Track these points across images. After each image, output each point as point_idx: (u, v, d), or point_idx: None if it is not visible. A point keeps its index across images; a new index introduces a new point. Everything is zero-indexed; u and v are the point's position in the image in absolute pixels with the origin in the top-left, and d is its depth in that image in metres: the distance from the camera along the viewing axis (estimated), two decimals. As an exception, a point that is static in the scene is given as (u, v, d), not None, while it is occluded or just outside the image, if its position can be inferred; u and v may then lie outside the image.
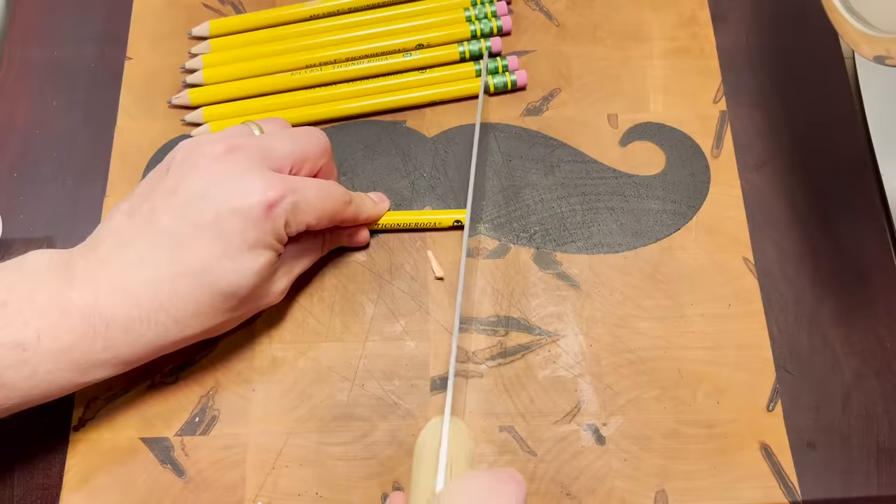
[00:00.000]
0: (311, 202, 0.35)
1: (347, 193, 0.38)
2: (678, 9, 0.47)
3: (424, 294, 0.40)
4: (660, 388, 0.38)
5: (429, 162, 0.43)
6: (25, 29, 0.46)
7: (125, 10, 0.46)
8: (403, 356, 0.38)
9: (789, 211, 0.42)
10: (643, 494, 0.36)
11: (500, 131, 0.43)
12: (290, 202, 0.34)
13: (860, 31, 0.34)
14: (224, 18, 0.45)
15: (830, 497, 0.36)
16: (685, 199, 0.42)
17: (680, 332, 0.39)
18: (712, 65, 0.45)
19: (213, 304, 0.33)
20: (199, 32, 0.45)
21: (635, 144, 0.43)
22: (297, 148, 0.36)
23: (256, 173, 0.34)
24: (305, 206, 0.34)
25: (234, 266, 0.33)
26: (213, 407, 0.37)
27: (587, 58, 0.45)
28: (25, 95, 0.44)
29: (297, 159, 0.36)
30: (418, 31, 0.45)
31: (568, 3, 0.47)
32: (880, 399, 0.38)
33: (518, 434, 0.37)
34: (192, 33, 0.45)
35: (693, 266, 0.40)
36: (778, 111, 0.44)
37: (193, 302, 0.33)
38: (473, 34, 0.45)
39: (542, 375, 0.38)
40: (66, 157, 0.43)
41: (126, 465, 0.36)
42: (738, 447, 0.37)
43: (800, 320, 0.39)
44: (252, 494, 0.36)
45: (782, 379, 0.38)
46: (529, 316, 0.39)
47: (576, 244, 0.41)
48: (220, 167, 0.33)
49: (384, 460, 0.36)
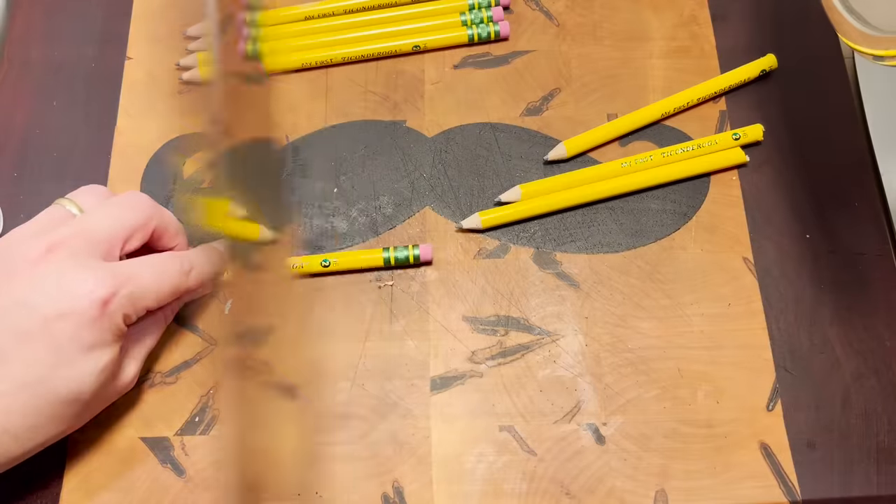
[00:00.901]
0: (149, 286, 0.33)
1: (186, 261, 0.35)
2: (678, 9, 0.47)
3: (424, 294, 0.40)
4: (659, 388, 0.38)
5: (429, 161, 0.43)
6: (25, 29, 0.46)
7: (125, 10, 0.46)
8: (403, 356, 0.38)
9: (789, 211, 0.42)
10: (643, 494, 0.36)
11: (500, 131, 0.43)
12: (124, 295, 0.31)
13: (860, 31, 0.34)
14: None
15: (830, 496, 0.36)
16: (685, 199, 0.42)
17: (680, 331, 0.39)
18: (712, 65, 0.45)
19: (55, 414, 0.31)
20: (194, 32, 0.45)
21: (635, 144, 0.43)
22: (121, 223, 0.34)
23: (83, 270, 0.31)
24: (142, 293, 0.32)
25: (73, 373, 0.31)
26: (214, 406, 0.37)
27: (587, 58, 0.45)
28: (25, 95, 0.44)
29: (126, 234, 0.34)
30: (414, 35, 0.45)
31: (568, 3, 0.47)
32: (880, 398, 0.38)
33: (518, 434, 0.37)
34: (187, 33, 0.45)
35: (693, 266, 0.40)
36: (777, 111, 0.44)
37: (33, 415, 0.31)
38: (471, 39, 0.45)
39: (542, 375, 0.38)
40: (67, 157, 0.43)
41: (126, 464, 0.36)
42: (738, 447, 0.37)
43: (800, 320, 0.39)
44: (252, 494, 0.36)
45: (782, 378, 0.38)
46: (529, 315, 0.39)
47: (575, 244, 0.41)
48: (42, 270, 0.31)
49: (384, 460, 0.36)
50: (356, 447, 0.37)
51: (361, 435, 0.37)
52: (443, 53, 0.45)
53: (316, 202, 0.42)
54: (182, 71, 0.44)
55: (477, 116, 0.44)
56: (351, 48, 0.44)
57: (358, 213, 0.41)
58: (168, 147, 0.43)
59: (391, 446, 0.37)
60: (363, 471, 0.36)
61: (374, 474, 0.36)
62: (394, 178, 0.42)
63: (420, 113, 0.44)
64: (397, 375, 0.38)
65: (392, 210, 0.42)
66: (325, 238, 0.41)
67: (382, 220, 0.41)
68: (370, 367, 0.38)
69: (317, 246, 0.41)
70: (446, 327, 0.39)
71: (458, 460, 0.36)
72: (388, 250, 0.39)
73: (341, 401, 0.37)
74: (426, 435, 0.37)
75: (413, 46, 0.44)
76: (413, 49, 0.45)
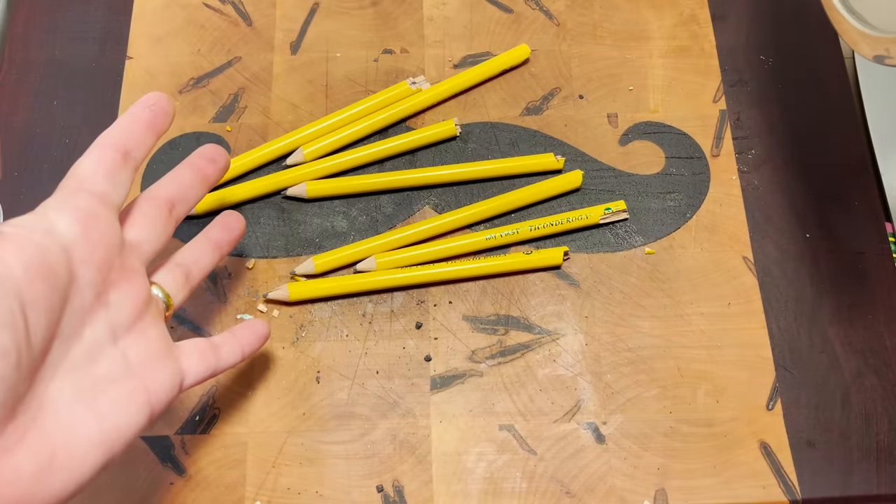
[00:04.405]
0: None
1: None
2: (678, 8, 0.47)
3: (424, 293, 0.40)
4: (659, 387, 0.38)
5: (429, 161, 0.43)
6: (25, 29, 0.46)
7: (125, 9, 0.46)
8: (403, 355, 0.38)
9: (789, 210, 0.42)
10: (643, 493, 0.36)
11: (500, 130, 0.43)
12: None
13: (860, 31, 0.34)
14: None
15: (830, 495, 0.36)
16: (685, 199, 0.42)
17: (679, 330, 0.39)
18: (712, 64, 0.45)
19: None
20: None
21: (635, 144, 0.43)
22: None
23: None
24: None
25: None
26: (214, 406, 0.37)
27: (587, 58, 0.45)
28: (25, 95, 0.44)
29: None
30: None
31: (568, 3, 0.47)
32: (880, 398, 0.38)
33: (518, 433, 0.37)
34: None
35: (693, 265, 0.40)
36: (777, 111, 0.44)
37: None
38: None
39: (542, 374, 0.38)
40: (67, 157, 0.43)
41: (126, 463, 0.36)
42: (738, 446, 0.37)
43: (799, 319, 0.39)
44: (252, 493, 0.36)
45: (782, 378, 0.38)
46: (529, 315, 0.39)
47: (575, 243, 0.41)
48: None
49: (384, 459, 0.36)
50: (356, 446, 0.37)
51: (361, 434, 0.37)
52: (443, 53, 0.45)
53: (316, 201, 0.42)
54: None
55: (477, 116, 0.44)
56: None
57: (358, 212, 0.41)
58: (168, 147, 0.43)
59: (391, 445, 0.37)
60: (363, 470, 0.36)
61: (374, 473, 0.36)
62: (394, 178, 0.42)
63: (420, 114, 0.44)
64: (397, 374, 0.38)
65: (392, 209, 0.42)
66: (326, 237, 0.41)
67: (383, 220, 0.41)
68: (370, 365, 0.38)
69: (318, 245, 0.41)
70: (446, 326, 0.39)
71: (458, 459, 0.36)
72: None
73: (341, 400, 0.38)
74: (426, 434, 0.37)
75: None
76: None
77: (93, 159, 0.29)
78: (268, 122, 0.44)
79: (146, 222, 0.31)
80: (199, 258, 0.34)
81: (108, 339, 0.28)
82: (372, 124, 0.43)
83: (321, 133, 0.43)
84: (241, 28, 0.46)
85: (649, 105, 0.44)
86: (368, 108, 0.43)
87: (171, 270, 0.33)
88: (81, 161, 0.29)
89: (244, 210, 0.41)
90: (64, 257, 0.26)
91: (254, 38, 0.46)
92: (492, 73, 0.44)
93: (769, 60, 0.45)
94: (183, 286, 0.33)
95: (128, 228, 0.31)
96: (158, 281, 0.32)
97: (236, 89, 0.44)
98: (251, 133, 0.43)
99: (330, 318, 0.39)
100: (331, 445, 0.37)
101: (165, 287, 0.32)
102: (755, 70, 0.45)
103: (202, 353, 0.32)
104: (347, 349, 0.39)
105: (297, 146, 0.42)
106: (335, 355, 0.38)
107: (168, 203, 0.32)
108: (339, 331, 0.39)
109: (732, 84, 0.45)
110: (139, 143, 0.31)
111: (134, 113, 0.31)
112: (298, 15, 0.46)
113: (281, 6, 0.47)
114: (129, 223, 0.31)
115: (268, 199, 0.42)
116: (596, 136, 0.43)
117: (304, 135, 0.42)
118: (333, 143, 0.42)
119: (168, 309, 0.32)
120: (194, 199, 0.34)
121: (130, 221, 0.31)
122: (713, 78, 0.45)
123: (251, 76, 0.45)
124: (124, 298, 0.29)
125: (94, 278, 0.27)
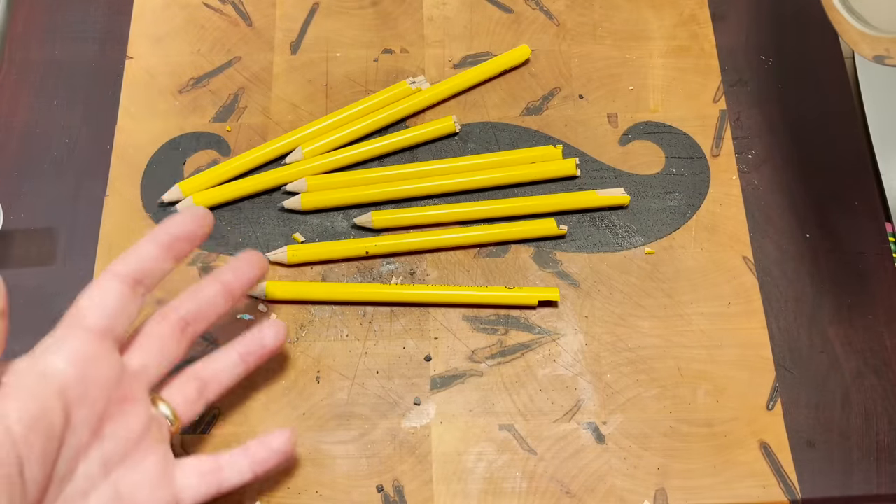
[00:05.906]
0: None
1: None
2: (678, 8, 0.47)
3: (424, 293, 0.40)
4: (659, 387, 0.38)
5: (429, 160, 0.43)
6: (25, 29, 0.46)
7: (125, 9, 0.46)
8: (403, 355, 0.38)
9: (789, 210, 0.42)
10: (643, 493, 0.36)
11: (500, 130, 0.43)
12: None
13: (860, 31, 0.34)
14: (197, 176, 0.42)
15: (830, 495, 0.36)
16: (685, 198, 0.42)
17: (679, 330, 0.39)
18: (712, 64, 0.45)
19: None
20: (169, 198, 0.41)
21: (635, 143, 0.43)
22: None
23: None
24: None
25: None
26: (214, 406, 0.37)
27: (587, 57, 0.45)
28: (25, 95, 0.44)
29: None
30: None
31: (568, 3, 0.47)
32: (880, 398, 0.38)
33: (518, 433, 0.37)
34: (162, 200, 0.41)
35: (693, 265, 0.40)
36: (777, 111, 0.44)
37: None
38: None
39: (542, 374, 0.38)
40: (67, 157, 0.43)
41: (126, 463, 0.36)
42: (738, 446, 0.37)
43: (799, 319, 0.39)
44: (252, 493, 0.36)
45: (782, 377, 0.38)
46: (529, 315, 0.39)
47: (575, 243, 0.41)
48: None
49: (384, 458, 0.36)
50: (356, 446, 0.37)
51: (361, 433, 0.37)
52: (443, 53, 0.45)
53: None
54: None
55: (477, 116, 0.44)
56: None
57: (358, 212, 0.41)
58: (168, 147, 0.43)
59: (391, 445, 0.37)
60: (363, 469, 0.36)
61: (374, 473, 0.36)
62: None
63: (420, 114, 0.44)
64: (397, 374, 0.38)
65: (392, 208, 0.41)
66: (326, 237, 0.41)
67: (382, 220, 0.41)
68: (370, 365, 0.38)
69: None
70: (446, 326, 0.39)
71: (458, 459, 0.36)
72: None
73: (341, 400, 0.38)
74: (426, 434, 0.37)
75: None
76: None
77: (99, 293, 0.29)
78: (268, 122, 0.44)
79: (155, 346, 0.30)
80: (220, 373, 0.33)
81: (101, 473, 0.28)
82: (372, 124, 0.43)
83: (321, 133, 0.43)
84: (241, 28, 0.46)
85: (649, 105, 0.44)
86: (368, 108, 0.43)
87: (184, 385, 0.32)
88: (88, 292, 0.29)
89: (244, 210, 0.41)
90: (59, 403, 0.26)
91: (254, 38, 0.46)
92: (492, 73, 0.44)
93: (769, 60, 0.45)
94: (195, 402, 0.32)
95: (133, 353, 0.30)
96: (168, 396, 0.31)
97: (236, 89, 0.44)
98: (251, 133, 0.43)
99: (330, 318, 0.39)
100: (331, 445, 0.37)
101: (174, 403, 0.31)
102: (755, 70, 0.45)
103: (202, 474, 0.31)
104: (347, 349, 0.39)
105: (296, 146, 0.42)
106: (335, 355, 0.38)
107: (182, 323, 0.31)
108: (339, 330, 0.39)
109: (732, 84, 0.45)
110: (153, 272, 0.30)
111: (156, 237, 0.30)
112: (298, 15, 0.46)
113: (281, 6, 0.47)
114: (135, 347, 0.30)
115: (268, 198, 0.42)
116: (596, 136, 0.43)
117: (303, 134, 0.42)
118: (333, 143, 0.42)
119: (174, 424, 0.31)
120: (214, 317, 0.32)
121: (137, 345, 0.30)
122: (713, 78, 0.45)
123: (251, 76, 0.45)
124: (120, 429, 0.28)
125: (88, 417, 0.27)
